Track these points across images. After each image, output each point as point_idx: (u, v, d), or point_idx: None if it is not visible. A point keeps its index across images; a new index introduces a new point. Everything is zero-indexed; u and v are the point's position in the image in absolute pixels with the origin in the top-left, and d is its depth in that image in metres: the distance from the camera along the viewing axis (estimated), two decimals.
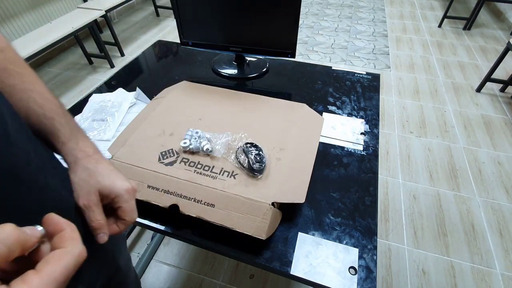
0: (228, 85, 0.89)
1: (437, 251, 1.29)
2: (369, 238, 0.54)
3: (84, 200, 0.35)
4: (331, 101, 0.87)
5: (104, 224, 0.35)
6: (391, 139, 1.81)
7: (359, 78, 0.96)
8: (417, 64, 2.49)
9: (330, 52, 2.69)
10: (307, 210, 0.59)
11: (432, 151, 1.73)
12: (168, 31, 3.11)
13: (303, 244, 0.54)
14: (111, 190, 0.36)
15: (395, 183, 1.57)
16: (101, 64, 2.54)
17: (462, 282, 1.19)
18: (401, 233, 1.35)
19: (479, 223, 1.39)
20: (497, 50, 2.61)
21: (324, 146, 0.73)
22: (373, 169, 0.67)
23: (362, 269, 0.50)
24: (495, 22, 3.15)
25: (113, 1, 2.44)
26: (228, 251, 0.53)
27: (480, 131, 1.86)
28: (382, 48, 2.73)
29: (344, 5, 3.61)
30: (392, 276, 1.21)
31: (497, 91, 2.17)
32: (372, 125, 0.78)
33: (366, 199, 0.61)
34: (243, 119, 0.71)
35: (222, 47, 0.94)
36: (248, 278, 1.21)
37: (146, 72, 1.02)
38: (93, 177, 0.36)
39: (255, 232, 0.49)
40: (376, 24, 3.16)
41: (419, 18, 3.27)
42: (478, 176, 1.59)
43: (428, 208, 1.45)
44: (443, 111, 2.02)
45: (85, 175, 0.36)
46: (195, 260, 1.26)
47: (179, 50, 1.13)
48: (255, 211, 0.51)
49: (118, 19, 3.33)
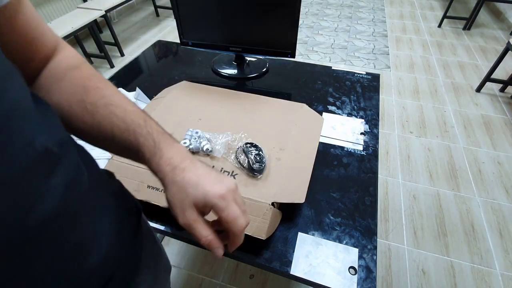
0: (228, 85, 0.89)
1: (437, 251, 1.29)
2: (369, 238, 0.54)
3: (183, 220, 0.32)
4: (331, 101, 0.87)
5: (212, 239, 0.33)
6: (391, 139, 1.81)
7: (359, 78, 0.96)
8: (417, 64, 2.49)
9: (330, 52, 2.69)
10: (307, 210, 0.59)
11: (432, 151, 1.73)
12: (168, 31, 3.11)
13: (303, 244, 0.54)
14: (204, 201, 0.32)
15: (395, 183, 1.57)
16: (101, 64, 2.54)
17: (462, 282, 1.19)
18: (401, 233, 1.35)
19: (479, 223, 1.39)
20: (497, 50, 2.62)
21: (324, 146, 0.73)
22: (373, 169, 0.67)
23: (362, 269, 0.50)
24: (495, 22, 3.15)
25: (113, 1, 2.44)
26: (228, 251, 0.53)
27: (480, 131, 1.86)
28: (382, 48, 2.73)
29: (344, 5, 3.61)
30: (392, 276, 1.22)
31: (497, 91, 2.17)
32: (372, 125, 0.78)
33: (366, 199, 0.61)
34: (243, 119, 0.71)
35: (222, 47, 0.94)
36: (248, 278, 1.21)
37: (146, 72, 1.02)
38: (184, 191, 0.32)
39: (255, 232, 0.49)
40: (376, 24, 3.16)
41: (419, 18, 3.27)
42: (478, 176, 1.59)
43: (428, 208, 1.45)
44: (443, 111, 2.02)
45: (175, 190, 0.33)
46: (195, 260, 1.26)
47: (179, 50, 1.13)
48: (255, 211, 0.51)
49: (118, 19, 3.33)
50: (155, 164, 0.34)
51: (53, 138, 0.26)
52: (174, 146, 0.35)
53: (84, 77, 0.36)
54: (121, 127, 0.34)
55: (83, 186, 0.30)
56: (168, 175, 0.33)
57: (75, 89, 0.35)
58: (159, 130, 0.36)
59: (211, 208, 0.33)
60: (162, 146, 0.34)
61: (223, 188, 0.33)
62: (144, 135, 0.34)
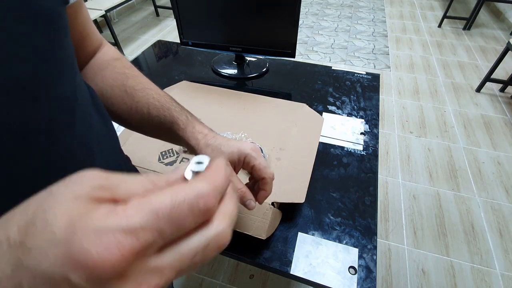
0: (228, 85, 0.89)
1: (437, 251, 1.29)
2: (369, 238, 0.54)
3: None
4: (331, 101, 0.87)
5: (246, 190, 0.37)
6: (391, 139, 1.81)
7: (359, 78, 0.96)
8: (417, 64, 2.50)
9: (330, 52, 2.69)
10: (307, 210, 0.59)
11: (432, 151, 1.73)
12: (168, 31, 3.11)
13: (303, 244, 0.54)
14: (238, 154, 0.38)
15: (395, 183, 1.57)
16: None
17: (462, 282, 1.19)
18: (401, 233, 1.35)
19: (479, 223, 1.39)
20: (497, 50, 2.62)
21: (324, 146, 0.73)
22: (373, 169, 0.67)
23: (362, 269, 0.50)
24: (495, 22, 3.15)
25: (113, 1, 2.44)
26: (228, 251, 0.53)
27: (480, 131, 1.86)
28: (382, 48, 2.73)
29: (344, 5, 3.61)
30: (392, 276, 1.22)
31: (496, 91, 2.17)
32: (372, 125, 0.78)
33: (366, 199, 0.61)
34: (243, 119, 0.71)
35: (222, 47, 0.94)
36: (248, 278, 1.21)
37: (146, 72, 1.02)
38: (218, 150, 0.38)
39: (255, 232, 0.49)
40: (376, 24, 3.16)
41: (419, 18, 3.27)
42: (478, 176, 1.59)
43: (428, 208, 1.45)
44: (443, 111, 2.02)
45: (209, 151, 0.38)
46: None
47: (179, 50, 1.13)
48: (255, 211, 0.51)
49: (118, 19, 3.33)
50: (189, 133, 0.40)
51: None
52: (202, 124, 0.42)
53: (124, 66, 0.44)
54: (157, 105, 0.41)
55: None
56: (201, 140, 0.39)
57: (117, 76, 0.42)
58: (189, 112, 0.43)
59: (244, 159, 0.38)
60: (193, 120, 0.41)
61: (251, 144, 0.39)
62: (178, 111, 0.41)
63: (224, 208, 0.16)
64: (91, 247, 0.11)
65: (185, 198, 0.13)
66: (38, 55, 0.24)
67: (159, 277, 0.13)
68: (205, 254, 0.14)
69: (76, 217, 0.12)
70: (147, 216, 0.12)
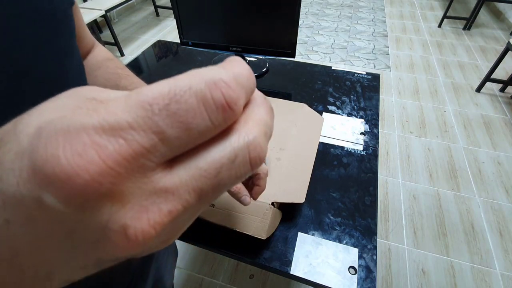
0: None
1: (437, 251, 1.29)
2: (369, 238, 0.54)
3: None
4: (331, 101, 0.87)
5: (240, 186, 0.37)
6: (391, 139, 1.81)
7: (359, 78, 0.96)
8: (417, 64, 2.50)
9: (330, 52, 2.69)
10: (307, 210, 0.59)
11: (432, 151, 1.73)
12: (168, 31, 3.11)
13: (303, 244, 0.54)
14: None
15: (395, 183, 1.57)
16: None
17: (462, 282, 1.19)
18: (401, 233, 1.35)
19: (479, 223, 1.39)
20: (497, 50, 2.62)
21: (324, 146, 0.73)
22: (373, 169, 0.67)
23: (362, 269, 0.50)
24: (494, 22, 3.15)
25: (113, 1, 2.44)
26: (228, 251, 0.53)
27: (480, 131, 1.86)
28: (382, 48, 2.73)
29: (344, 5, 3.61)
30: (392, 276, 1.22)
31: (497, 91, 2.17)
32: (372, 125, 0.78)
33: (366, 199, 0.61)
34: None
35: (222, 47, 0.94)
36: (248, 278, 1.21)
37: (146, 72, 1.02)
38: None
39: (255, 232, 0.49)
40: (376, 24, 3.16)
41: (419, 18, 3.27)
42: (478, 176, 1.59)
43: (428, 208, 1.45)
44: (443, 111, 2.02)
45: None
46: (195, 260, 1.26)
47: (179, 50, 1.13)
48: (255, 211, 0.51)
49: (118, 19, 3.33)
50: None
51: None
52: None
53: (117, 67, 0.44)
54: None
55: None
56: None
57: (110, 76, 0.43)
58: None
59: None
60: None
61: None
62: None
63: (253, 115, 0.12)
64: (58, 151, 0.08)
65: (190, 85, 0.09)
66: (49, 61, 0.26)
67: (173, 200, 0.09)
68: (232, 170, 0.10)
69: (48, 121, 0.09)
70: (135, 109, 0.09)
